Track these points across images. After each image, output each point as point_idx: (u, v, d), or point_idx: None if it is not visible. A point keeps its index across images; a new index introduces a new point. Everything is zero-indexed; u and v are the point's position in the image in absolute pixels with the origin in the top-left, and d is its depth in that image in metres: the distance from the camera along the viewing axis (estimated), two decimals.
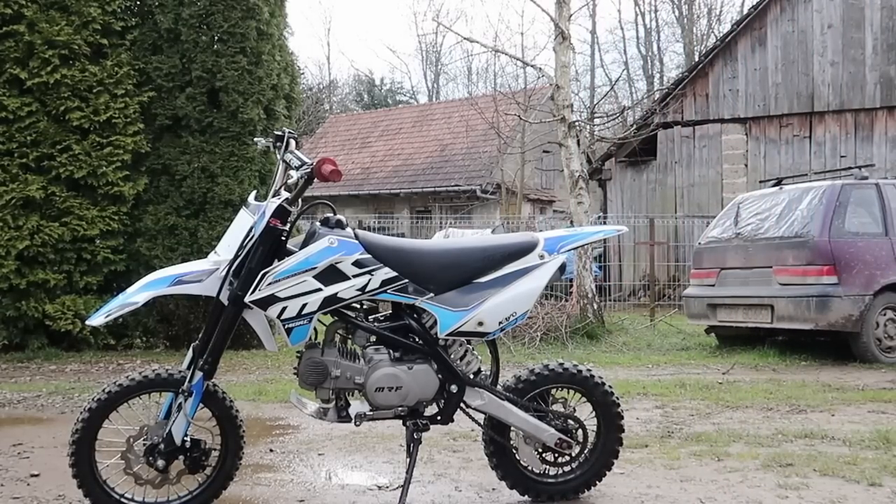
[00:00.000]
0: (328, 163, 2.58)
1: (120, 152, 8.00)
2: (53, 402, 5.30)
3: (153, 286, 2.65)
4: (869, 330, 6.98)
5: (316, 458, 3.72)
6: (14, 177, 7.72)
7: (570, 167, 9.74)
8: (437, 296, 2.71)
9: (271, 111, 8.71)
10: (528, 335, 8.56)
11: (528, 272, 2.77)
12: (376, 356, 2.73)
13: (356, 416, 2.71)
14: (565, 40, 10.01)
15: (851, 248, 7.07)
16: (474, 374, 2.82)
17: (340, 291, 2.63)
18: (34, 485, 3.28)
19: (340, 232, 2.70)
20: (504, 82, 23.67)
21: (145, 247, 8.19)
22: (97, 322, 2.64)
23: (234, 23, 8.26)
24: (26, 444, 4.03)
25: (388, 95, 38.96)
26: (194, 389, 2.65)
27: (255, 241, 2.63)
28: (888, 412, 4.71)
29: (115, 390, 2.65)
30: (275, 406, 5.10)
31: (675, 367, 7.06)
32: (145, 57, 8.30)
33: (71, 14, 7.87)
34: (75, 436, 2.62)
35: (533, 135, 18.34)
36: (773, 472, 3.29)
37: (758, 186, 10.70)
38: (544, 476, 2.97)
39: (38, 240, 7.71)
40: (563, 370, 2.93)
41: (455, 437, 3.98)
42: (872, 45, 13.67)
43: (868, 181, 7.57)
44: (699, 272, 8.31)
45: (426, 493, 3.09)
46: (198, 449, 2.69)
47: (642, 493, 3.06)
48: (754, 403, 4.98)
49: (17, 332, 7.85)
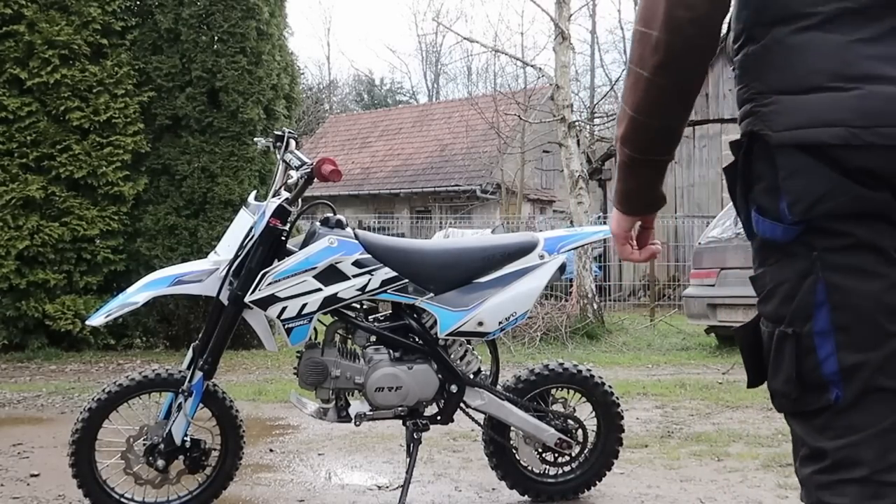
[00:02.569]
0: (328, 163, 2.58)
1: (120, 152, 8.00)
2: (53, 402, 5.30)
3: (153, 286, 2.65)
4: None
5: (316, 458, 3.72)
6: (14, 177, 7.71)
7: (570, 167, 9.74)
8: (437, 296, 2.71)
9: (271, 111, 8.70)
10: (528, 335, 8.56)
11: (528, 272, 2.77)
12: (376, 356, 2.73)
13: (356, 416, 2.72)
14: (565, 40, 10.01)
15: None
16: (474, 374, 2.82)
17: (340, 291, 2.63)
18: (34, 485, 3.28)
19: (340, 232, 2.70)
20: (504, 82, 23.70)
21: (145, 247, 8.19)
22: (97, 322, 2.64)
23: (234, 23, 8.25)
24: (26, 444, 4.03)
25: (388, 95, 38.98)
26: (194, 389, 2.65)
27: (255, 241, 2.63)
28: None
29: (115, 390, 2.66)
30: (275, 406, 5.10)
31: (675, 367, 7.06)
32: (145, 57, 8.29)
33: (71, 14, 7.86)
34: (75, 436, 2.62)
35: (533, 135, 18.35)
36: (773, 472, 3.29)
37: None
38: (544, 476, 2.97)
39: (38, 240, 7.70)
40: (563, 370, 2.93)
41: (455, 437, 3.98)
42: None
43: None
44: (699, 272, 8.30)
45: (426, 493, 3.09)
46: (198, 449, 2.70)
47: (642, 493, 3.06)
48: (754, 403, 4.98)
49: (17, 332, 7.84)
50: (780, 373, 1.16)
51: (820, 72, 1.13)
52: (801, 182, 1.12)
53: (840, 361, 1.10)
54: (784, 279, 1.16)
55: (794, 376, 1.14)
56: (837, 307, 1.11)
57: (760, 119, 1.17)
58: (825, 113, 1.12)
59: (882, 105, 1.09)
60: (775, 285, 1.17)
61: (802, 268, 1.13)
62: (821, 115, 1.12)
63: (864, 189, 1.10)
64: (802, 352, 1.13)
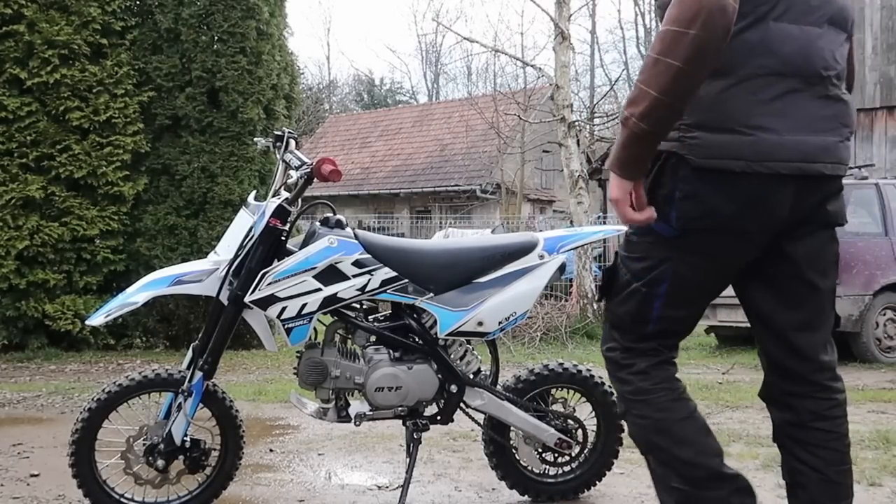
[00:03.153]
0: (328, 163, 2.58)
1: (120, 152, 8.00)
2: (53, 402, 5.30)
3: (153, 286, 2.65)
4: (869, 330, 6.99)
5: (316, 458, 3.72)
6: (14, 177, 7.71)
7: (570, 167, 9.74)
8: (436, 296, 2.70)
9: (271, 111, 8.70)
10: (528, 335, 8.56)
11: (527, 272, 2.77)
12: (376, 356, 2.72)
13: (356, 416, 2.71)
14: (565, 40, 10.01)
15: (851, 248, 7.06)
16: (474, 374, 2.82)
17: (340, 291, 2.63)
18: (34, 485, 3.28)
19: (340, 232, 2.70)
20: (504, 82, 23.70)
21: (145, 247, 8.19)
22: (97, 322, 2.64)
23: (233, 23, 8.26)
24: (26, 444, 4.03)
25: (387, 95, 38.97)
26: (194, 389, 2.65)
27: (254, 241, 2.63)
28: (888, 412, 4.71)
29: (115, 390, 2.65)
30: (275, 406, 5.10)
31: None
32: (145, 57, 8.29)
33: (71, 14, 7.86)
34: (75, 436, 2.62)
35: (533, 135, 18.35)
36: (773, 472, 3.29)
37: None
38: (544, 476, 2.97)
39: (37, 240, 7.70)
40: (563, 370, 2.93)
41: (455, 437, 3.98)
42: (872, 45, 13.67)
43: (868, 181, 7.57)
44: None
45: (426, 493, 3.09)
46: (198, 449, 2.69)
47: (642, 493, 3.06)
48: (754, 403, 4.97)
49: (17, 332, 7.84)
50: (625, 306, 1.86)
51: (732, 119, 1.64)
52: (689, 206, 1.69)
53: (658, 311, 1.82)
54: (653, 255, 1.79)
55: (632, 312, 1.85)
56: (674, 285, 1.79)
57: (684, 146, 1.67)
58: (731, 150, 1.64)
59: (768, 148, 1.64)
60: (645, 255, 1.81)
61: (666, 255, 1.78)
62: (730, 151, 1.64)
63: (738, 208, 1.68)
64: (645, 302, 1.82)
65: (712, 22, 1.49)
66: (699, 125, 1.65)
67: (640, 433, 1.87)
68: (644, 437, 1.87)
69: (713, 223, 1.69)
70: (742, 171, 1.63)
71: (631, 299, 1.83)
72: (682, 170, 1.67)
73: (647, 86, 1.55)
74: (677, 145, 1.67)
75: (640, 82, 1.57)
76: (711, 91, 1.63)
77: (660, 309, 1.80)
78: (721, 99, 1.63)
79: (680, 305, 1.83)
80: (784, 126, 1.64)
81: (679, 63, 1.51)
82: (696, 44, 1.50)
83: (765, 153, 1.63)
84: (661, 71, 1.53)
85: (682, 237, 1.73)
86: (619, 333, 1.88)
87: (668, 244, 1.75)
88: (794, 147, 1.65)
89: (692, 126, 1.65)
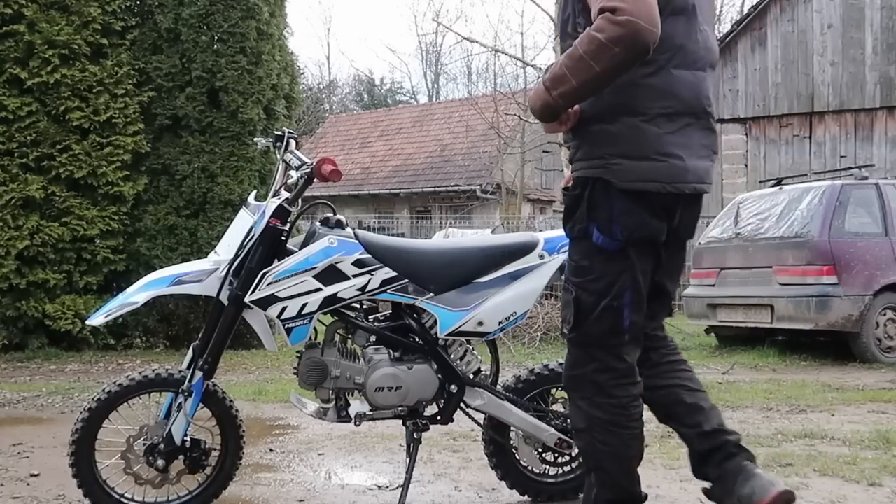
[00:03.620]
0: (328, 163, 2.58)
1: (120, 152, 8.00)
2: (53, 402, 5.30)
3: (153, 286, 2.65)
4: (869, 330, 6.99)
5: (316, 458, 3.72)
6: (14, 177, 7.72)
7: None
8: (437, 296, 2.70)
9: (271, 111, 8.71)
10: (528, 335, 8.56)
11: (527, 272, 2.77)
12: (376, 356, 2.72)
13: (356, 416, 2.71)
14: None
15: (851, 248, 7.06)
16: (474, 374, 2.82)
17: (340, 291, 2.63)
18: (34, 485, 3.28)
19: (340, 232, 2.70)
20: (504, 82, 23.69)
21: (145, 247, 8.20)
22: (97, 322, 2.64)
23: (234, 23, 8.26)
24: (26, 444, 4.03)
25: (388, 95, 38.98)
26: (194, 389, 2.65)
27: (254, 241, 2.63)
28: (888, 412, 4.71)
29: (115, 390, 2.65)
30: (275, 406, 5.10)
31: None
32: (145, 57, 8.30)
33: (71, 14, 7.86)
34: (75, 436, 2.62)
35: (533, 135, 18.36)
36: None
37: (758, 186, 10.70)
38: (544, 476, 2.97)
39: (38, 240, 7.71)
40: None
41: (455, 437, 3.98)
42: (872, 45, 13.67)
43: (868, 181, 7.57)
44: (699, 272, 8.30)
45: (426, 493, 3.09)
46: (198, 449, 2.69)
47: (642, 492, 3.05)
48: (754, 403, 4.98)
49: (17, 332, 7.85)
50: (600, 324, 2.07)
51: (648, 148, 1.99)
52: (628, 219, 2.01)
53: (629, 319, 2.07)
54: (610, 271, 2.05)
55: (607, 328, 2.07)
56: (634, 291, 2.06)
57: (609, 172, 2.00)
58: (649, 174, 1.99)
59: (677, 172, 2.01)
60: (602, 273, 2.06)
61: (621, 267, 2.05)
62: (647, 175, 1.99)
63: (657, 221, 2.03)
64: (617, 314, 2.06)
65: (633, 46, 1.79)
66: (621, 154, 1.99)
67: (596, 457, 2.13)
68: (599, 461, 2.13)
69: (648, 233, 2.03)
70: (657, 191, 1.99)
71: (604, 316, 2.06)
72: (611, 191, 2.00)
73: (570, 74, 1.87)
74: (602, 171, 2.00)
75: (565, 66, 1.88)
76: (628, 125, 1.98)
77: (629, 317, 2.07)
78: (636, 132, 1.98)
79: (640, 310, 2.10)
80: (686, 154, 2.02)
81: (598, 69, 1.82)
82: (617, 60, 1.81)
83: (675, 176, 2.01)
84: (582, 68, 1.84)
85: (628, 248, 2.03)
86: (601, 353, 2.09)
87: (619, 257, 2.04)
88: (693, 170, 2.04)
89: (615, 155, 1.99)
